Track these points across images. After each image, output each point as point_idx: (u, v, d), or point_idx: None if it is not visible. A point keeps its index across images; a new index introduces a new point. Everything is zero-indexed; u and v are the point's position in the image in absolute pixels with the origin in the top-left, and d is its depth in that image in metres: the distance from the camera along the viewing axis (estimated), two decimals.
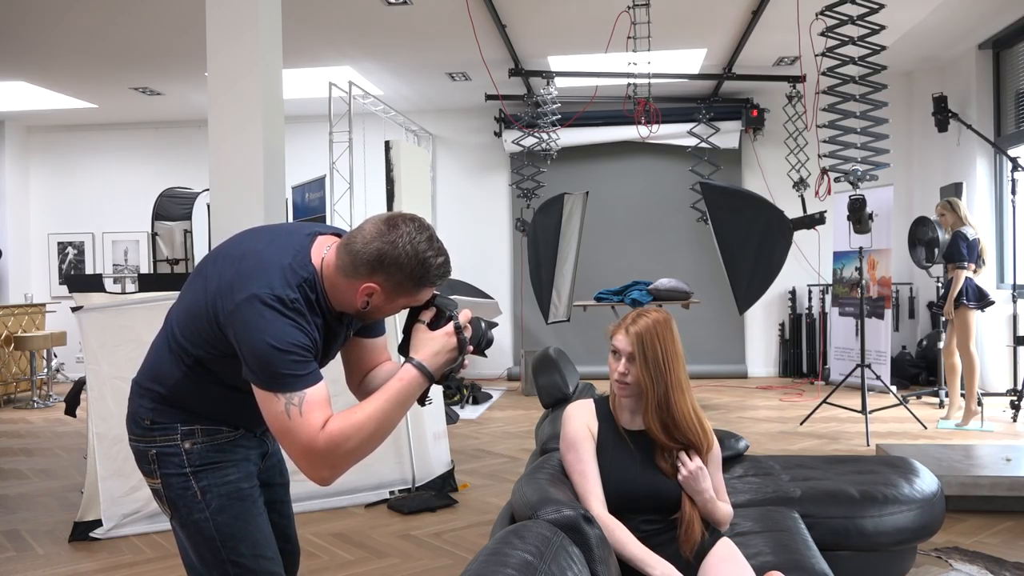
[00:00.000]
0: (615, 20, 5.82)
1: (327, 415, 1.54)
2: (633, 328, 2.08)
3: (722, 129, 8.20)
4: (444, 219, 9.21)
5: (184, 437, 1.70)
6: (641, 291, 6.82)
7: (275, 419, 1.54)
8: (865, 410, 5.53)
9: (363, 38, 6.65)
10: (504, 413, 7.01)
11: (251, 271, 1.58)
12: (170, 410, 1.71)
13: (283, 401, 1.52)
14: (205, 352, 1.65)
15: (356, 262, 1.58)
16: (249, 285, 1.55)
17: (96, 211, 9.75)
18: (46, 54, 6.85)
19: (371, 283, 1.59)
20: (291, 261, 1.60)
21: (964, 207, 5.97)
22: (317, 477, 1.55)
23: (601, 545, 1.76)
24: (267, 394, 1.54)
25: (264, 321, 1.52)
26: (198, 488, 1.70)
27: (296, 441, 1.52)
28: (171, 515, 1.74)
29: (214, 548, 1.70)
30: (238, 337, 1.55)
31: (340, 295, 1.64)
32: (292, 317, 1.54)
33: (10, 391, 8.17)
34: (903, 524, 2.73)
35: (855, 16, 4.90)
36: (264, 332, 1.52)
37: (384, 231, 1.58)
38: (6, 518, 4.23)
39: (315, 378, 1.56)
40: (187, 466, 1.70)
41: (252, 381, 1.56)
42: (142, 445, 1.73)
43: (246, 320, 1.53)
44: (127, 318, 3.94)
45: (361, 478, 4.31)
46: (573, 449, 2.11)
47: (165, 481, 1.71)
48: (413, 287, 1.61)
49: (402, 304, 1.66)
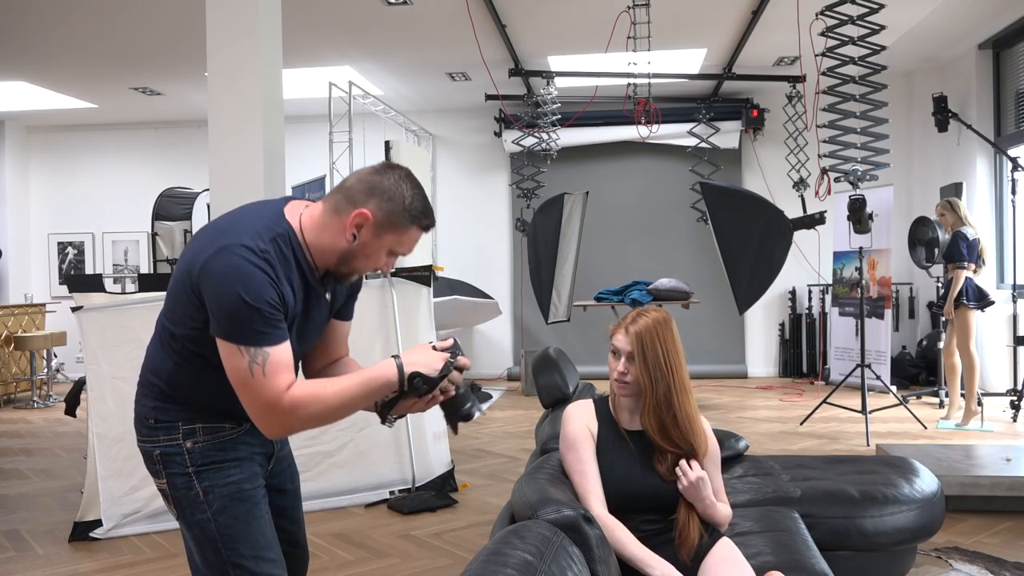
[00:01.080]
0: (615, 20, 5.82)
1: (291, 379, 1.58)
2: (633, 327, 2.07)
3: (722, 129, 8.20)
4: (444, 219, 9.21)
5: (186, 436, 1.71)
6: (641, 291, 6.82)
7: (237, 373, 1.56)
8: (865, 410, 5.53)
9: (363, 38, 6.65)
10: (504, 413, 7.01)
11: (223, 229, 1.62)
12: (171, 407, 1.72)
13: (247, 358, 1.54)
14: (189, 329, 1.64)
15: (349, 194, 1.64)
16: (220, 240, 1.58)
17: (96, 211, 9.75)
18: (46, 54, 6.85)
19: (363, 209, 1.62)
20: (264, 219, 1.64)
21: (964, 207, 5.97)
22: (268, 432, 1.61)
23: (601, 545, 1.76)
24: (231, 347, 1.55)
25: (235, 271, 1.53)
26: (200, 488, 1.70)
27: (257, 398, 1.56)
28: (177, 515, 1.75)
29: (216, 549, 1.70)
30: (208, 290, 1.56)
31: (325, 242, 1.65)
32: (261, 267, 1.55)
33: (10, 391, 8.17)
34: (903, 524, 2.73)
35: (855, 16, 4.90)
36: (235, 283, 1.53)
37: (378, 170, 1.67)
38: (6, 518, 4.23)
39: (281, 337, 1.58)
40: (189, 466, 1.71)
41: (217, 334, 1.56)
42: (148, 445, 1.74)
43: (217, 271, 1.55)
44: (127, 318, 3.94)
45: (361, 478, 4.31)
46: (573, 449, 2.11)
47: (170, 481, 1.72)
48: (402, 221, 1.65)
49: (389, 243, 1.66)
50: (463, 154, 9.26)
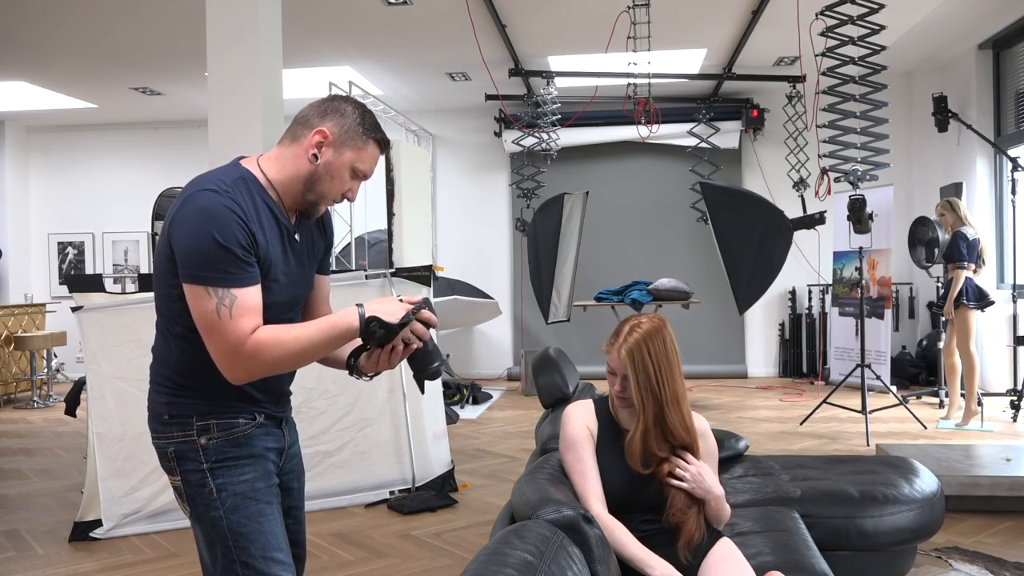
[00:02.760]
0: (615, 20, 5.82)
1: (257, 323, 1.59)
2: (625, 347, 2.06)
3: (722, 129, 8.20)
4: (444, 219, 9.21)
5: (200, 432, 1.70)
6: (641, 291, 6.82)
7: (204, 316, 1.56)
8: (865, 410, 5.53)
9: (363, 38, 6.65)
10: (504, 413, 7.01)
11: (187, 187, 1.64)
12: (184, 399, 1.71)
13: (215, 300, 1.55)
14: (179, 302, 1.63)
15: (302, 121, 1.69)
16: (183, 195, 1.61)
17: (96, 211, 9.75)
18: (46, 54, 6.85)
19: (321, 127, 1.66)
20: (222, 171, 1.67)
21: (964, 207, 5.97)
22: (231, 376, 1.61)
23: (601, 545, 1.76)
24: (199, 290, 1.56)
25: (203, 213, 1.56)
26: (213, 486, 1.69)
27: (222, 340, 1.56)
28: (189, 512, 1.74)
29: (226, 547, 1.70)
30: (179, 237, 1.57)
31: (287, 173, 1.69)
32: (229, 206, 1.57)
33: (10, 391, 8.17)
34: (903, 524, 2.73)
35: (855, 16, 4.90)
36: (204, 224, 1.55)
37: (324, 99, 1.73)
38: (6, 518, 4.23)
39: (250, 280, 1.59)
40: (204, 462, 1.70)
41: (186, 279, 1.57)
42: (162, 442, 1.73)
43: (185, 217, 1.57)
44: (127, 318, 3.94)
45: (361, 478, 4.32)
46: (572, 449, 2.11)
47: (184, 478, 1.71)
48: (360, 136, 1.69)
49: (350, 159, 1.69)
50: (463, 154, 9.26)
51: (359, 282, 4.47)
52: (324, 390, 4.17)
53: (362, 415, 4.34)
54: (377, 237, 8.07)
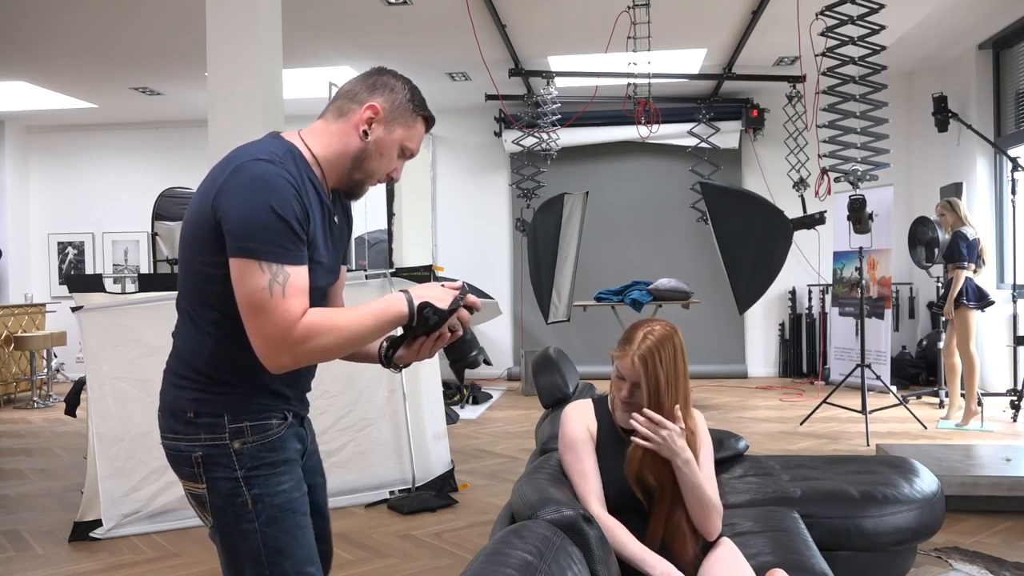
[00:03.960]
0: (615, 20, 5.82)
1: (307, 305, 1.46)
2: (638, 354, 2.01)
3: (722, 129, 8.20)
4: (444, 219, 9.21)
5: (233, 436, 1.54)
6: (641, 291, 6.82)
7: (253, 295, 1.41)
8: (865, 410, 5.53)
9: (363, 38, 6.65)
10: (504, 413, 7.01)
11: (228, 159, 1.52)
12: (215, 397, 1.55)
13: (267, 276, 1.41)
14: (219, 286, 1.48)
15: (351, 95, 1.60)
16: (231, 165, 1.48)
17: (96, 211, 9.75)
18: (46, 54, 6.85)
19: (372, 102, 1.58)
20: (267, 142, 1.56)
21: (964, 207, 5.97)
22: (273, 363, 1.45)
23: (601, 545, 1.76)
24: (251, 264, 1.41)
25: (260, 181, 1.43)
26: (249, 496, 1.54)
27: (271, 323, 1.41)
28: (212, 523, 1.58)
29: (257, 562, 1.56)
30: (230, 206, 1.43)
31: (334, 149, 1.58)
32: (286, 177, 1.46)
33: (10, 391, 8.17)
34: (903, 524, 2.73)
35: (855, 16, 4.90)
36: (262, 193, 1.42)
37: (371, 73, 1.65)
38: (6, 518, 4.23)
39: (303, 258, 1.47)
40: (238, 469, 1.54)
41: (235, 253, 1.42)
42: (183, 444, 1.55)
43: (238, 185, 1.44)
44: (127, 318, 3.94)
45: (361, 478, 4.32)
46: (572, 450, 2.10)
47: (211, 486, 1.55)
48: (410, 112, 1.62)
49: (400, 137, 1.61)
50: (463, 154, 9.26)
51: (359, 282, 4.47)
52: (324, 390, 4.17)
53: (362, 415, 4.34)
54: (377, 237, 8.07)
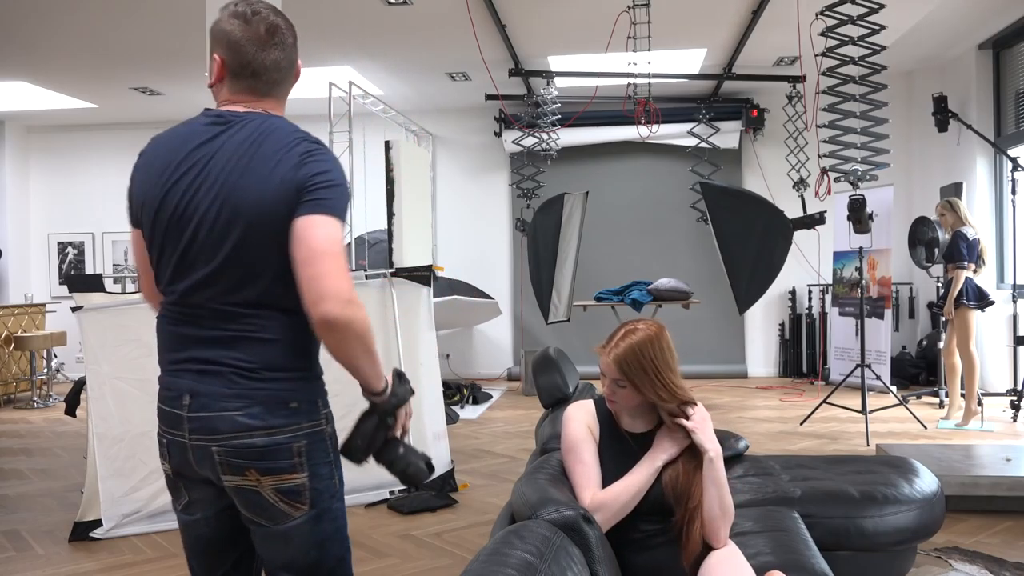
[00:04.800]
0: (615, 20, 5.82)
1: None
2: (615, 351, 2.03)
3: (722, 129, 8.20)
4: (444, 219, 9.21)
5: (328, 420, 1.61)
6: (641, 291, 6.82)
7: (330, 242, 1.46)
8: (865, 410, 5.53)
9: (363, 38, 6.65)
10: (504, 413, 7.01)
11: (292, 130, 1.59)
12: (309, 384, 1.60)
13: (343, 232, 1.51)
14: (282, 271, 1.50)
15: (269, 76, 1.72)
16: (295, 136, 1.57)
17: (96, 211, 9.74)
18: (46, 54, 6.85)
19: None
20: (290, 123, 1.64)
21: (964, 207, 5.97)
22: (331, 308, 1.42)
23: (601, 545, 1.76)
24: (334, 222, 1.49)
25: (329, 153, 1.58)
26: (338, 477, 1.63)
27: (345, 267, 1.47)
28: (303, 513, 1.56)
29: (340, 538, 1.63)
30: (326, 169, 1.53)
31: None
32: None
33: (10, 391, 8.17)
34: (903, 524, 2.73)
35: (855, 16, 4.90)
36: (335, 162, 1.57)
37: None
38: (6, 518, 4.23)
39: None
40: (331, 452, 1.60)
41: (324, 211, 1.48)
42: (282, 437, 1.52)
43: (326, 155, 1.56)
44: (127, 318, 3.94)
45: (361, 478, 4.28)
46: (573, 450, 2.10)
47: (314, 473, 1.56)
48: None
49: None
50: (463, 154, 9.26)
51: (359, 282, 4.46)
52: None
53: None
54: (377, 237, 8.07)
